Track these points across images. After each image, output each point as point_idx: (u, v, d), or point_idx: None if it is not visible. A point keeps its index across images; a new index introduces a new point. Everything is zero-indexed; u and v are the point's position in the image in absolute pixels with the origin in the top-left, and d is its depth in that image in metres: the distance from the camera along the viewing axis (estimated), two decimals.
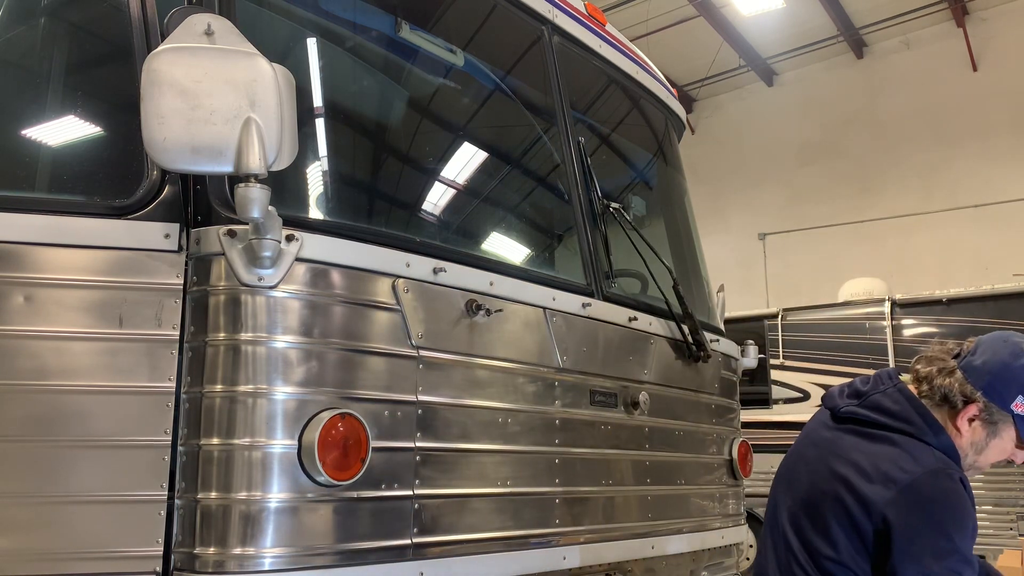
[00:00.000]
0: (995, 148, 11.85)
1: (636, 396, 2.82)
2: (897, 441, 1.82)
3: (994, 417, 1.81)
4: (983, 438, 1.83)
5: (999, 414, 1.80)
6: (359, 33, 2.61)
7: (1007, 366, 1.80)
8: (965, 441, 1.84)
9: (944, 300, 7.11)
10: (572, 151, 2.94)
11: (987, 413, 1.81)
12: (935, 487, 1.75)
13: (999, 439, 1.83)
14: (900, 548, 1.74)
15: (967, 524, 1.76)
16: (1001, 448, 1.84)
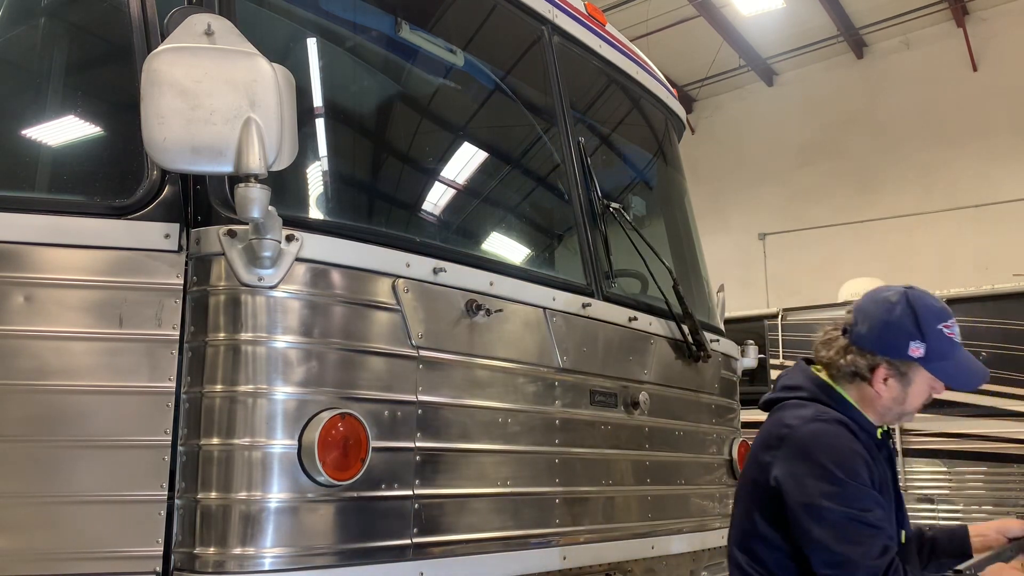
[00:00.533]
0: (995, 148, 11.84)
1: (636, 396, 2.82)
2: (788, 406, 1.94)
3: (902, 369, 1.88)
4: (900, 390, 1.90)
5: (904, 365, 1.88)
6: (359, 33, 2.61)
7: (887, 323, 1.88)
8: (887, 399, 1.91)
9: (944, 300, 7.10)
10: (572, 151, 2.94)
11: (894, 369, 1.88)
12: (811, 431, 1.82)
13: (915, 385, 1.90)
14: (791, 498, 1.79)
15: (855, 465, 1.78)
16: (921, 391, 1.92)
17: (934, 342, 1.84)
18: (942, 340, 1.85)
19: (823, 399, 1.92)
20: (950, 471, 6.80)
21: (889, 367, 1.89)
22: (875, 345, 1.89)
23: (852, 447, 1.81)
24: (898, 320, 1.86)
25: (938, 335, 1.85)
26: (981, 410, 6.71)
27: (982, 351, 6.83)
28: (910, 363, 1.88)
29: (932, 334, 1.85)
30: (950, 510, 6.79)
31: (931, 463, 6.88)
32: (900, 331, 1.86)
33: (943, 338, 1.85)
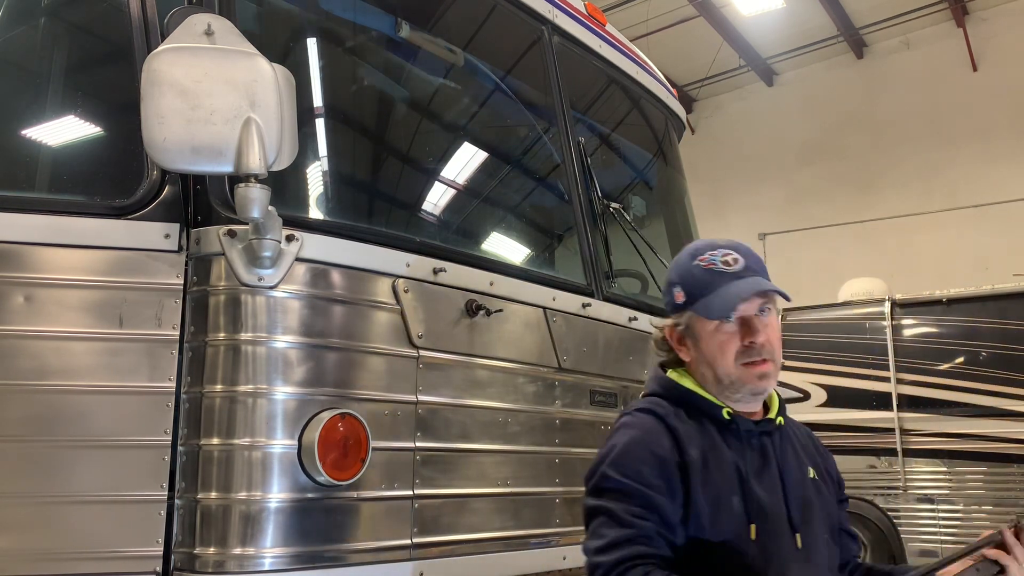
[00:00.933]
0: (995, 148, 11.84)
1: (636, 396, 2.82)
2: None
3: (683, 322, 1.63)
4: (696, 347, 1.62)
5: (681, 318, 1.63)
6: (359, 33, 2.61)
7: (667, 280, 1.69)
8: (696, 364, 1.64)
9: (944, 300, 7.10)
10: (572, 151, 2.94)
11: (679, 326, 1.64)
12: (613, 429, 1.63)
13: (704, 338, 1.59)
14: None
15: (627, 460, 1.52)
16: (715, 343, 1.59)
17: (689, 280, 1.60)
18: (698, 274, 1.59)
19: (658, 390, 1.67)
20: (950, 471, 6.80)
21: (675, 326, 1.65)
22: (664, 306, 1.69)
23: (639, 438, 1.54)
24: (670, 271, 1.67)
25: (691, 271, 1.60)
26: (981, 410, 6.71)
27: (982, 351, 6.83)
28: (684, 313, 1.62)
29: (686, 272, 1.61)
30: (950, 510, 6.79)
31: (931, 463, 6.88)
32: (667, 283, 1.67)
33: (699, 271, 1.59)
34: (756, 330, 1.56)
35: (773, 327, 1.59)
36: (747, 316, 1.57)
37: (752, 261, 1.61)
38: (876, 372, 7.16)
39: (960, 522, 6.73)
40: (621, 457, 1.52)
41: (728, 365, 1.57)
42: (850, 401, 7.25)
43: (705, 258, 1.60)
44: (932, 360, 7.02)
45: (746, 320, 1.57)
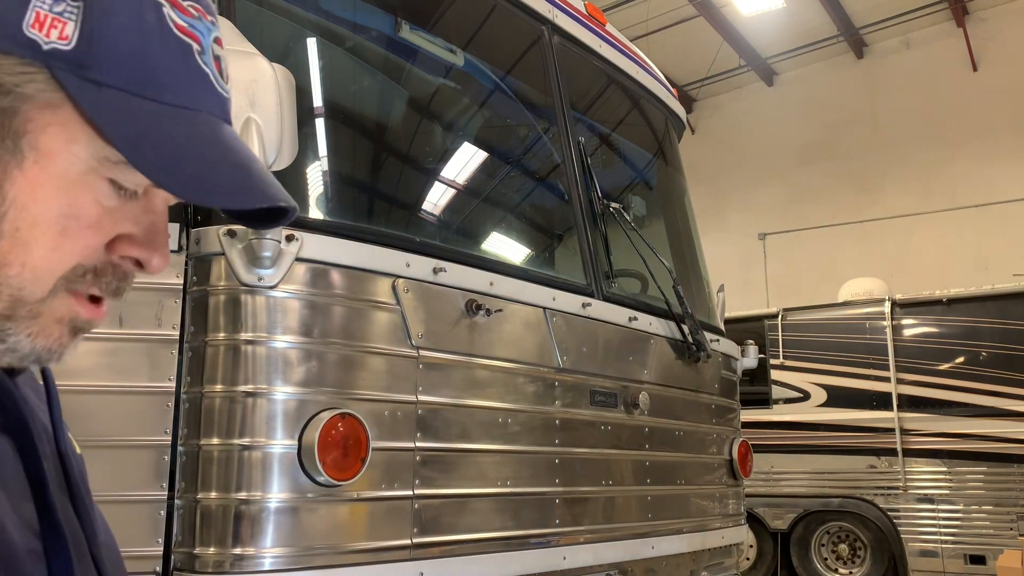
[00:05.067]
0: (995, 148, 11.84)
1: (636, 396, 2.82)
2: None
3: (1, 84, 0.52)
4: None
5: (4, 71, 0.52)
6: (359, 33, 2.61)
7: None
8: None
9: (944, 300, 7.11)
10: (572, 151, 2.94)
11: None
12: None
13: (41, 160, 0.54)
14: None
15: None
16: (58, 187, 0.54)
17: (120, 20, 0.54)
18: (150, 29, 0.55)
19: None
20: (950, 471, 6.80)
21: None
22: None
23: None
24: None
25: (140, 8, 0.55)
26: (981, 410, 6.71)
27: (982, 351, 6.83)
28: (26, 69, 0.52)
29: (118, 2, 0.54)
30: (950, 510, 6.79)
31: (931, 463, 6.88)
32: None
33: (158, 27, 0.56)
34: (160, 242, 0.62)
35: None
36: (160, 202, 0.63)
37: None
38: (876, 372, 7.16)
39: (960, 522, 6.73)
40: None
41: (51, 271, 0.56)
42: (850, 401, 7.25)
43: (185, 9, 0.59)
44: (932, 360, 7.02)
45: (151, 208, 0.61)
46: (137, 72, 0.54)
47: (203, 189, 0.56)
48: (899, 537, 6.92)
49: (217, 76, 0.60)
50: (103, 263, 0.58)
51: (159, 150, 0.54)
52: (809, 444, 7.35)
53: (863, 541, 7.20)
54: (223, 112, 0.60)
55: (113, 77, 0.53)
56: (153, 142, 0.54)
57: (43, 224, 0.54)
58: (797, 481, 7.39)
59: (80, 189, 0.55)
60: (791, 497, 7.39)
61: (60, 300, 0.57)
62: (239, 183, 0.57)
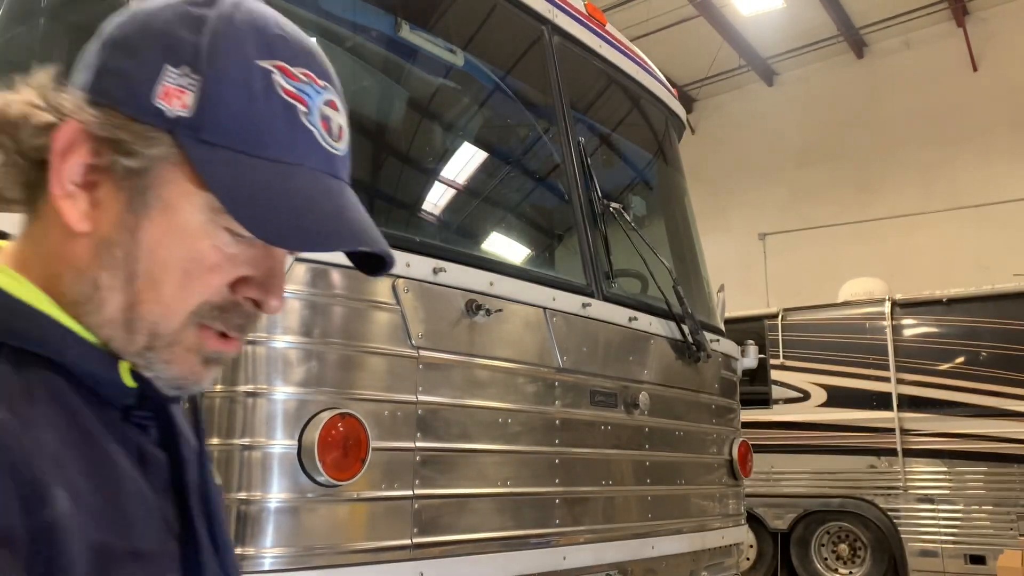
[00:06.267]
0: (995, 148, 11.83)
1: (636, 396, 2.82)
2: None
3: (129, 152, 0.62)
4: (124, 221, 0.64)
5: (136, 136, 0.62)
6: (359, 33, 2.60)
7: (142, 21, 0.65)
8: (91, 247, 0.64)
9: (944, 300, 7.10)
10: (572, 151, 2.94)
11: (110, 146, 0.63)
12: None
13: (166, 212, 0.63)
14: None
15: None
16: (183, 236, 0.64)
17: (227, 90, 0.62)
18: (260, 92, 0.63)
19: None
20: (950, 471, 6.80)
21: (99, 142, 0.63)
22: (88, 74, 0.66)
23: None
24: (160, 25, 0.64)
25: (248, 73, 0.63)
26: (982, 410, 6.71)
27: (982, 351, 6.83)
28: (153, 135, 0.62)
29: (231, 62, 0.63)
30: (950, 510, 6.79)
31: (931, 463, 6.88)
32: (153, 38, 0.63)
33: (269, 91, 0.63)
34: (278, 286, 0.68)
35: None
36: (280, 251, 0.68)
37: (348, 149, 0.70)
38: (876, 372, 7.16)
39: (960, 522, 6.73)
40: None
41: (180, 306, 0.64)
42: (850, 401, 7.25)
43: (294, 75, 0.64)
44: (932, 360, 7.02)
45: (270, 255, 0.67)
46: (242, 132, 0.62)
47: (292, 235, 0.63)
48: (899, 537, 6.92)
49: (324, 134, 0.66)
50: (228, 302, 0.66)
51: (254, 201, 0.62)
52: (809, 444, 7.35)
53: (863, 541, 7.20)
54: (329, 166, 0.66)
55: (222, 137, 0.62)
56: (249, 193, 0.62)
57: (171, 267, 0.63)
58: (797, 481, 7.39)
59: (200, 236, 0.64)
60: (791, 497, 7.39)
61: (191, 333, 0.66)
62: (329, 229, 0.64)
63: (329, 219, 0.65)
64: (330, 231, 0.64)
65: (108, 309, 0.64)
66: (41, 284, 0.64)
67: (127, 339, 0.65)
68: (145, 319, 0.64)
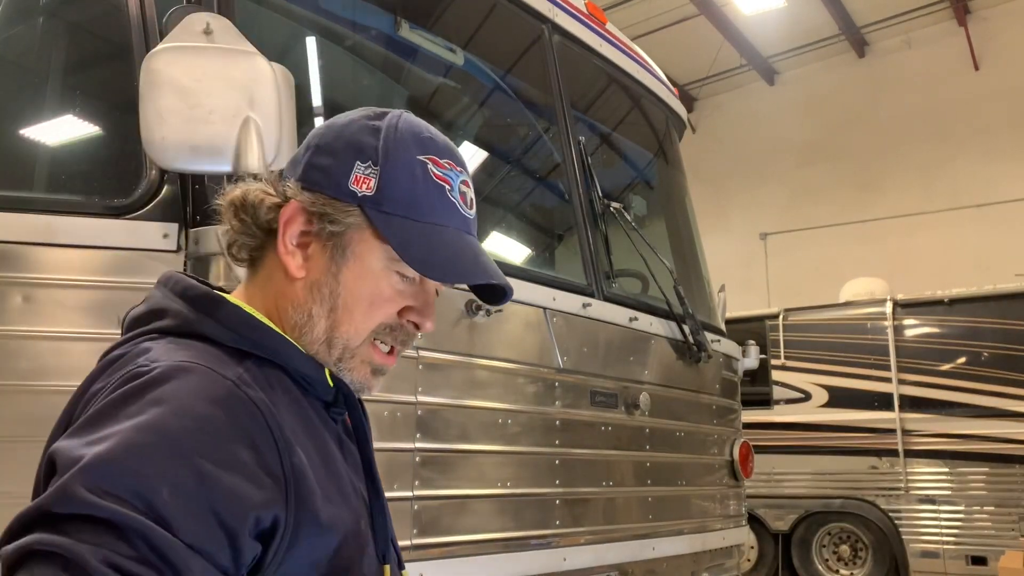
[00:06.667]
0: (997, 147, 11.82)
1: (637, 397, 2.81)
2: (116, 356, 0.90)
3: (333, 221, 0.92)
4: (328, 268, 0.93)
5: (336, 208, 0.92)
6: (359, 32, 2.60)
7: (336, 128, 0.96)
8: (305, 287, 0.94)
9: (946, 300, 7.09)
10: (572, 151, 2.93)
11: (318, 217, 0.93)
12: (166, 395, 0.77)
13: (357, 261, 0.93)
14: None
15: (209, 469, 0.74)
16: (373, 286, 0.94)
17: (401, 172, 0.93)
18: (420, 176, 0.94)
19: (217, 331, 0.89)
20: (952, 472, 6.79)
21: (310, 212, 0.93)
22: (298, 168, 0.96)
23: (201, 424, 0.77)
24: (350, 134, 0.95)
25: (410, 163, 0.93)
26: (983, 411, 6.70)
27: (984, 351, 6.82)
28: (349, 209, 0.93)
29: (401, 158, 0.93)
30: (952, 511, 6.78)
31: (933, 464, 6.87)
32: (345, 143, 0.94)
33: (424, 175, 0.94)
34: (431, 312, 0.97)
35: None
36: (431, 287, 0.98)
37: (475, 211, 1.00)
38: (878, 372, 7.15)
39: (962, 523, 6.72)
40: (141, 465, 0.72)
41: (364, 327, 0.93)
42: (851, 402, 7.24)
43: (442, 166, 0.95)
44: (934, 360, 7.01)
45: (426, 289, 0.97)
46: (409, 204, 0.92)
47: (444, 271, 0.93)
48: (900, 538, 6.91)
49: (462, 205, 0.96)
50: (396, 324, 0.96)
51: (419, 249, 0.91)
52: (810, 445, 7.34)
53: (864, 542, 7.19)
54: (466, 226, 0.97)
55: (395, 208, 0.92)
56: (416, 244, 0.91)
57: (361, 299, 0.93)
58: (798, 482, 7.38)
59: (381, 278, 0.94)
60: (792, 498, 7.38)
61: (366, 348, 0.95)
62: (469, 268, 0.95)
63: (469, 262, 0.95)
64: (469, 270, 0.95)
65: (317, 330, 0.93)
66: (265, 315, 0.93)
67: (327, 353, 0.94)
68: (341, 337, 0.93)
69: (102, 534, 0.68)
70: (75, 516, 0.70)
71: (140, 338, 0.92)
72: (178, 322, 0.91)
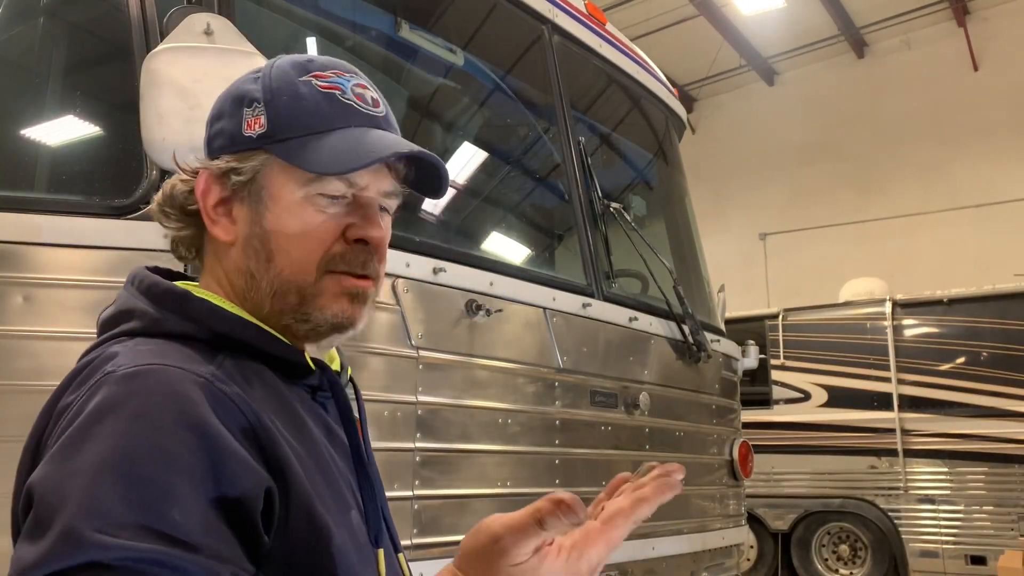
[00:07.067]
0: (996, 148, 11.83)
1: (636, 396, 2.81)
2: (84, 364, 0.90)
3: (245, 169, 0.89)
4: (252, 220, 0.89)
5: (238, 160, 0.90)
6: (359, 33, 2.60)
7: (223, 96, 0.95)
8: (239, 249, 0.90)
9: (945, 300, 7.10)
10: (572, 151, 2.94)
11: (226, 176, 0.90)
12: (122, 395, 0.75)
13: (282, 207, 0.88)
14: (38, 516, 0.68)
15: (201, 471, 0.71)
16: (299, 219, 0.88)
17: (287, 99, 0.89)
18: (308, 95, 0.90)
19: (182, 326, 0.86)
20: (951, 472, 6.79)
21: (217, 172, 0.90)
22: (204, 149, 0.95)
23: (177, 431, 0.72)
24: (233, 91, 0.94)
25: (294, 87, 0.90)
26: (982, 411, 6.71)
27: (983, 351, 6.82)
28: (247, 153, 0.89)
29: (283, 87, 0.90)
30: (951, 511, 6.78)
31: (932, 463, 6.88)
32: (228, 101, 0.93)
33: (312, 92, 0.90)
34: (374, 221, 0.89)
35: (388, 235, 0.93)
36: (367, 196, 0.90)
37: (391, 113, 0.97)
38: (877, 372, 7.16)
39: (961, 523, 6.72)
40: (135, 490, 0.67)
41: (308, 261, 0.87)
42: (851, 401, 7.24)
43: (327, 76, 0.92)
44: (933, 360, 7.02)
45: (361, 202, 0.89)
46: (301, 122, 0.89)
47: (350, 162, 0.86)
48: (900, 538, 6.91)
49: (360, 104, 0.93)
50: (344, 249, 0.89)
51: (323, 155, 0.87)
52: (810, 445, 7.35)
53: (864, 542, 7.19)
54: (371, 123, 0.92)
55: (291, 132, 0.88)
56: (317, 152, 0.87)
57: (292, 236, 0.88)
58: (798, 482, 7.39)
59: (304, 206, 0.88)
60: (792, 498, 7.38)
61: (329, 281, 0.88)
62: (374, 148, 0.88)
63: (373, 145, 0.89)
64: (373, 150, 0.88)
65: (263, 285, 0.88)
66: (226, 299, 0.89)
67: (284, 302, 0.88)
68: (288, 280, 0.88)
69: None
70: (90, 566, 0.62)
71: (109, 342, 0.88)
72: (145, 323, 0.87)
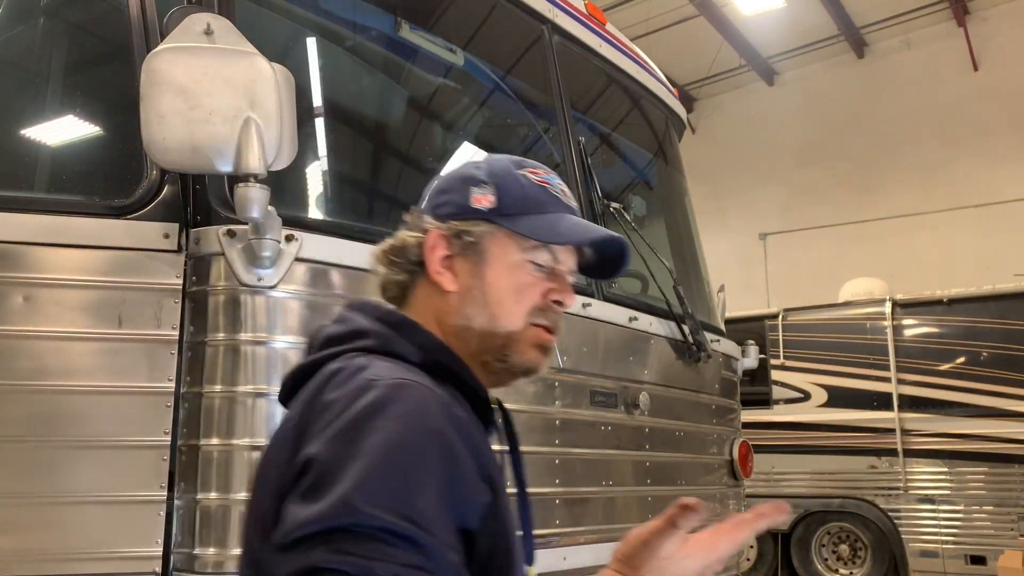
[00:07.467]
0: (996, 148, 11.83)
1: (636, 396, 2.82)
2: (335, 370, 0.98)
3: (474, 234, 1.10)
4: (473, 274, 1.10)
5: (467, 226, 1.10)
6: (359, 33, 2.60)
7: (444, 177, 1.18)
8: (458, 297, 1.10)
9: (945, 300, 7.10)
10: (572, 151, 2.94)
11: (453, 236, 1.10)
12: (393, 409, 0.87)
13: (500, 268, 1.09)
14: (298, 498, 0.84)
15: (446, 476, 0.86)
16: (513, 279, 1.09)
17: (510, 186, 1.12)
18: (526, 185, 1.13)
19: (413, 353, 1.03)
20: (951, 471, 6.79)
21: (444, 235, 1.10)
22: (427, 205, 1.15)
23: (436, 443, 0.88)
24: (458, 174, 1.16)
25: (515, 178, 1.13)
26: (982, 411, 6.71)
27: (983, 351, 6.82)
28: (476, 222, 1.10)
29: (506, 177, 1.13)
30: (951, 511, 6.79)
31: (932, 463, 6.88)
32: (456, 179, 1.14)
33: (528, 183, 1.13)
34: (569, 290, 1.13)
35: None
36: (562, 269, 1.13)
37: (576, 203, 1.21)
38: (877, 372, 7.16)
39: (961, 523, 6.73)
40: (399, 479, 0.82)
41: (519, 315, 1.08)
42: (851, 401, 7.24)
43: (537, 173, 1.15)
44: (933, 360, 7.02)
45: (557, 273, 1.12)
46: (525, 204, 1.11)
47: (568, 236, 1.11)
48: (900, 537, 6.91)
49: (565, 196, 1.15)
50: (544, 305, 1.10)
51: (543, 230, 1.09)
52: (810, 444, 7.35)
53: (864, 542, 7.20)
54: (569, 210, 1.15)
55: (515, 209, 1.10)
56: (539, 227, 1.09)
57: (508, 290, 1.09)
58: (798, 482, 7.39)
59: (518, 269, 1.09)
60: (792, 498, 7.38)
61: (528, 331, 1.10)
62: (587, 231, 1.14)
63: (584, 228, 1.14)
64: (588, 233, 1.13)
65: (476, 327, 1.08)
66: (433, 329, 1.08)
67: (491, 343, 1.09)
68: (500, 325, 1.08)
69: (383, 548, 0.78)
70: (353, 530, 0.78)
71: (346, 354, 1.02)
72: (378, 342, 1.03)
